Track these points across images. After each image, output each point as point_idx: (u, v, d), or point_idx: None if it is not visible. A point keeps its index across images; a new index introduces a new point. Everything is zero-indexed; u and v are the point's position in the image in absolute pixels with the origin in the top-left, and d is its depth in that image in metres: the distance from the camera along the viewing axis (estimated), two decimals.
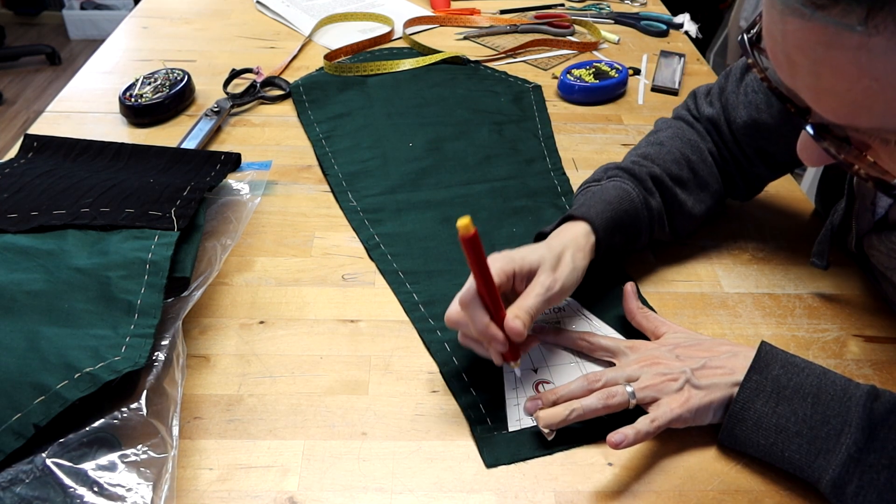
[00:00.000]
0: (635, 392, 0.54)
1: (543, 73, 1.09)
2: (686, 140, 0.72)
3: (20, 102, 2.81)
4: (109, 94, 0.98)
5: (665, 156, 0.70)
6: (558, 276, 0.58)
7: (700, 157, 0.71)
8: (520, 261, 0.57)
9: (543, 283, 0.56)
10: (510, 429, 0.55)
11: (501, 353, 0.55)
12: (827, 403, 0.50)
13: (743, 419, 0.52)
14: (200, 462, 0.52)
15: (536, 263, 0.58)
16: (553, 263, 0.58)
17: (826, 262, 0.67)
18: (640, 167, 0.68)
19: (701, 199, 0.71)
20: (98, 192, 0.69)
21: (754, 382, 0.52)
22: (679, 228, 0.71)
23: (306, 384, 0.58)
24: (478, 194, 0.80)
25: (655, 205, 0.68)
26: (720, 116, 0.72)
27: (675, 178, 0.69)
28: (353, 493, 0.51)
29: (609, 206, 0.64)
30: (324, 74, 1.03)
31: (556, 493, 0.51)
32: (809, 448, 0.50)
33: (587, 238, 0.62)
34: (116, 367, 0.52)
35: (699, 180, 0.71)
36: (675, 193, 0.69)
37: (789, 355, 0.54)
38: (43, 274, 0.59)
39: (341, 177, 0.83)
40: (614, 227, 0.64)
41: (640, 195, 0.66)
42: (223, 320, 0.64)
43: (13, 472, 0.47)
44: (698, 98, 0.76)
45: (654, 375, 0.55)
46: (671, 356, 0.57)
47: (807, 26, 0.35)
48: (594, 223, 0.62)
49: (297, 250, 0.72)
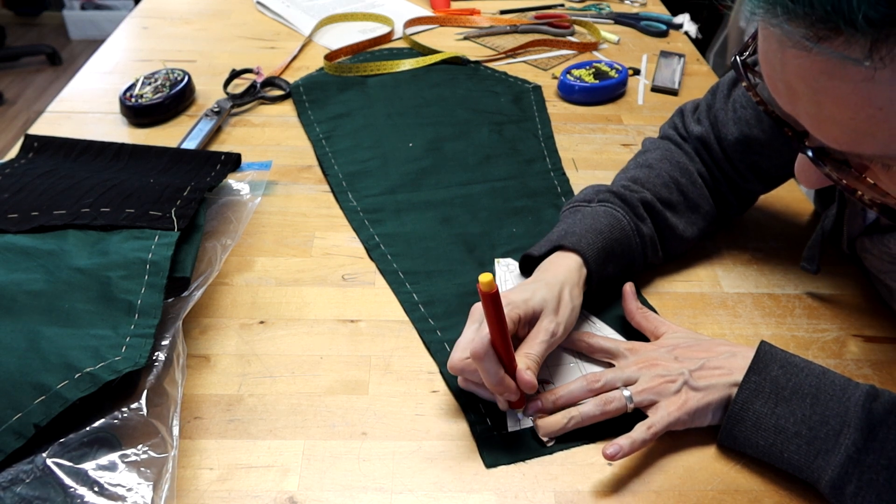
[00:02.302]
0: (633, 396, 0.54)
1: (543, 73, 1.09)
2: (675, 163, 0.71)
3: (20, 102, 2.81)
4: (110, 95, 0.98)
5: (654, 179, 0.69)
6: (560, 319, 0.57)
7: (690, 180, 0.70)
8: (523, 306, 0.56)
9: (547, 328, 0.56)
10: (510, 429, 0.55)
11: (510, 401, 0.55)
12: (826, 403, 0.50)
13: (742, 420, 0.52)
14: (200, 462, 0.52)
15: (540, 307, 0.57)
16: (554, 306, 0.57)
17: (817, 266, 0.67)
18: (631, 192, 0.68)
19: (692, 221, 0.70)
20: (98, 193, 0.69)
21: (753, 383, 0.52)
22: (671, 252, 0.70)
23: (306, 384, 0.58)
24: (478, 194, 0.80)
25: (647, 231, 0.67)
26: (709, 134, 0.71)
27: (665, 203, 0.69)
28: (353, 493, 0.51)
29: (600, 235, 0.63)
30: (324, 74, 1.03)
31: (556, 493, 0.51)
32: (808, 448, 0.50)
33: (580, 272, 0.61)
34: (117, 367, 0.52)
35: (689, 203, 0.70)
36: (665, 217, 0.68)
37: (789, 355, 0.54)
38: (43, 274, 0.59)
39: (341, 177, 0.83)
40: (606, 258, 0.63)
41: (632, 222, 0.66)
42: (223, 320, 0.64)
43: (13, 472, 0.47)
44: (685, 116, 0.75)
45: (652, 378, 0.55)
46: (670, 357, 0.57)
47: (808, 57, 0.34)
48: (585, 256, 0.62)
49: (297, 250, 0.72)
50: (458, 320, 0.64)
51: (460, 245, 0.73)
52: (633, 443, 0.51)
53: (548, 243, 0.64)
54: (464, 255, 0.72)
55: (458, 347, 0.55)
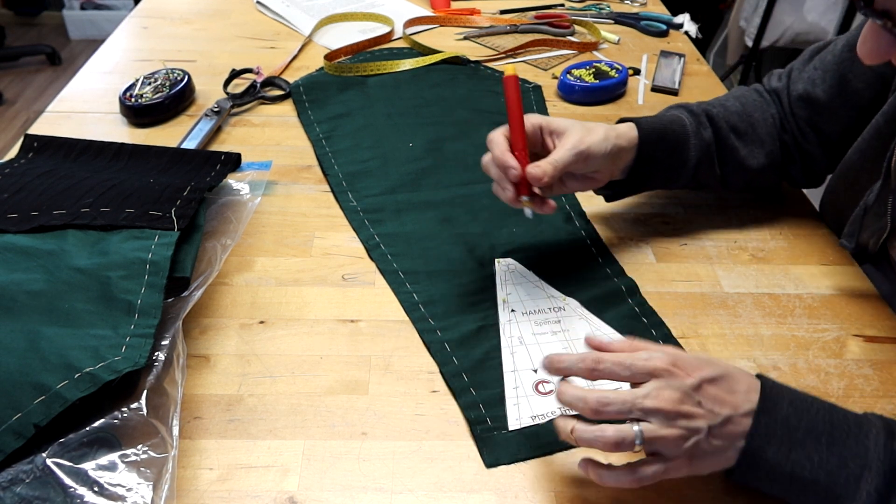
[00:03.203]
0: (644, 436, 0.46)
1: (543, 73, 1.09)
2: (752, 100, 0.76)
3: (20, 102, 2.81)
4: (109, 94, 0.98)
5: (728, 106, 0.74)
6: (588, 139, 0.61)
7: (762, 116, 0.75)
8: (548, 119, 0.62)
9: (572, 138, 0.60)
10: (510, 429, 0.55)
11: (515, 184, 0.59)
12: (843, 443, 0.47)
13: (755, 468, 0.47)
14: (200, 462, 0.52)
15: (567, 125, 0.62)
16: (584, 129, 0.62)
17: (855, 243, 0.68)
18: (699, 107, 0.74)
19: (755, 153, 0.74)
20: (98, 193, 0.69)
21: (764, 426, 0.47)
22: (729, 176, 0.73)
23: (306, 384, 0.58)
24: (478, 194, 0.80)
25: (707, 136, 0.71)
26: (784, 90, 0.77)
27: (732, 127, 0.73)
28: (353, 493, 0.51)
29: (659, 120, 0.69)
30: (324, 74, 1.03)
31: (556, 493, 0.51)
32: (827, 495, 0.46)
33: (628, 132, 0.66)
34: (116, 367, 0.52)
35: (756, 135, 0.74)
36: (728, 137, 0.72)
37: (794, 390, 0.50)
38: (43, 274, 0.59)
39: (341, 177, 0.83)
40: (658, 138, 0.67)
41: (693, 123, 0.71)
42: (223, 320, 0.64)
43: (13, 472, 0.47)
44: (772, 76, 0.80)
45: (668, 427, 0.46)
46: (693, 400, 0.47)
47: None
48: (639, 124, 0.67)
49: (297, 250, 0.72)
50: (458, 320, 0.64)
51: (460, 245, 0.73)
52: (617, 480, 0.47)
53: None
54: (464, 255, 0.72)
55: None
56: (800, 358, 0.63)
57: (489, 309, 0.66)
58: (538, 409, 0.56)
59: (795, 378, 0.61)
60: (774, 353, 0.63)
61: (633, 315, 0.66)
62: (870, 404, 0.59)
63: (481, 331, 0.63)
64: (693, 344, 0.63)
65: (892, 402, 0.59)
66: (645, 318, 0.65)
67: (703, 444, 0.46)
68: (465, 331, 0.63)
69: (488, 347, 0.62)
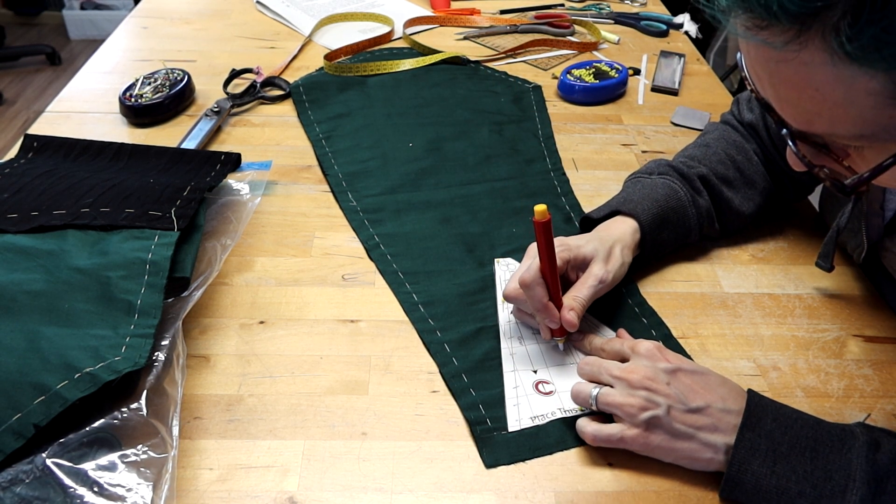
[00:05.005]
0: (598, 398, 0.53)
1: (543, 73, 1.09)
2: (731, 141, 0.76)
3: (20, 102, 2.81)
4: (109, 94, 0.98)
5: (711, 156, 0.74)
6: (610, 268, 0.62)
7: (745, 157, 0.74)
8: (575, 250, 0.62)
9: (597, 274, 0.61)
10: (510, 429, 0.55)
11: (551, 329, 0.60)
12: (826, 457, 0.49)
13: (740, 483, 0.49)
14: (200, 462, 0.52)
15: (591, 255, 0.62)
16: (605, 256, 0.63)
17: (831, 264, 0.68)
18: (689, 168, 0.72)
19: (748, 196, 0.74)
20: (98, 193, 0.69)
21: (748, 441, 0.50)
22: (728, 225, 0.74)
23: (306, 384, 0.58)
24: (478, 194, 0.80)
25: (703, 203, 0.71)
26: (759, 122, 0.76)
27: (721, 178, 0.73)
28: (353, 493, 0.51)
29: (656, 203, 0.68)
30: (324, 74, 1.03)
31: (556, 493, 0.51)
32: None
33: (633, 236, 0.66)
34: (116, 367, 0.52)
35: (746, 179, 0.74)
36: (721, 191, 0.72)
37: (778, 404, 0.52)
38: (43, 274, 0.59)
39: (341, 177, 0.83)
40: (661, 224, 0.68)
41: (688, 194, 0.70)
42: (223, 320, 0.64)
43: (13, 472, 0.47)
44: (740, 104, 0.79)
45: (628, 396, 0.52)
46: (662, 381, 0.53)
47: (756, 45, 0.39)
48: (641, 220, 0.67)
49: (297, 250, 0.72)
50: (457, 320, 0.64)
51: (460, 245, 0.73)
52: (581, 431, 0.53)
53: (607, 208, 0.70)
54: (464, 255, 0.72)
55: (513, 278, 0.60)
56: (800, 358, 0.63)
57: (489, 309, 0.66)
58: (538, 410, 0.56)
59: (795, 378, 0.61)
60: (774, 353, 0.63)
61: (633, 315, 0.66)
62: (870, 404, 0.59)
63: (481, 331, 0.63)
64: (693, 344, 0.63)
65: (892, 402, 0.59)
66: (645, 319, 0.65)
67: (661, 420, 0.51)
68: (464, 331, 0.63)
69: (488, 348, 0.62)
